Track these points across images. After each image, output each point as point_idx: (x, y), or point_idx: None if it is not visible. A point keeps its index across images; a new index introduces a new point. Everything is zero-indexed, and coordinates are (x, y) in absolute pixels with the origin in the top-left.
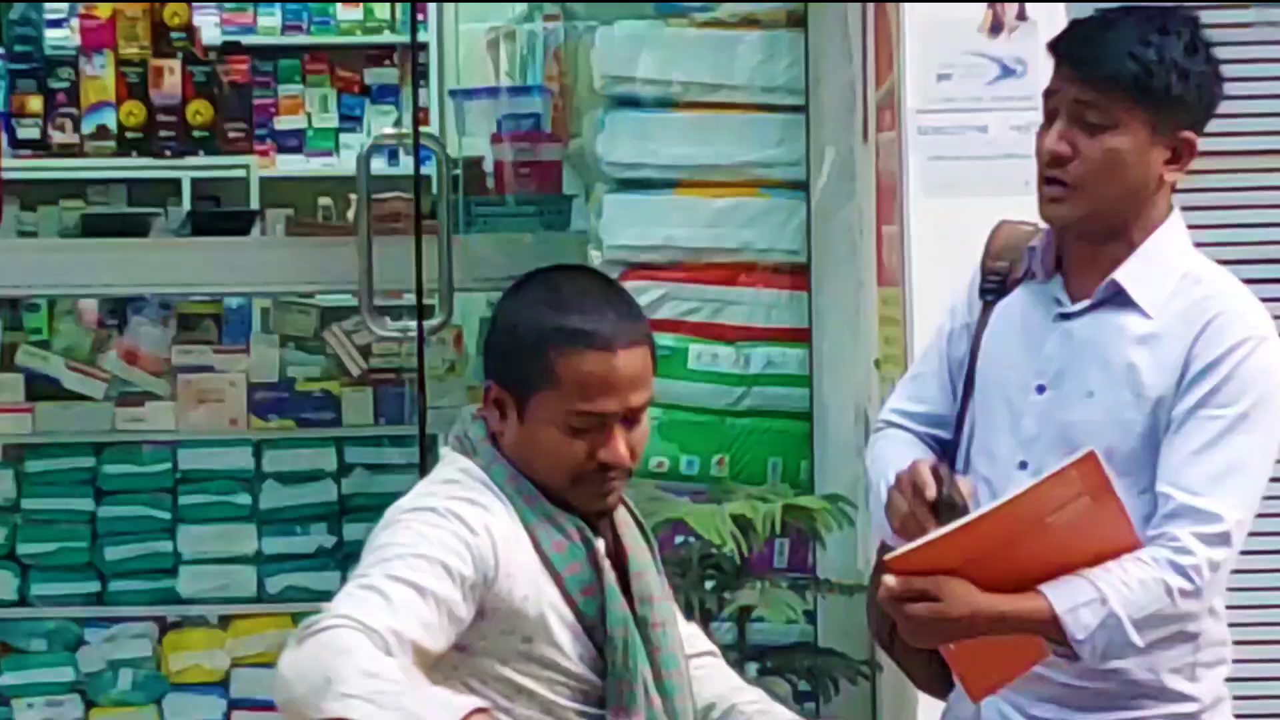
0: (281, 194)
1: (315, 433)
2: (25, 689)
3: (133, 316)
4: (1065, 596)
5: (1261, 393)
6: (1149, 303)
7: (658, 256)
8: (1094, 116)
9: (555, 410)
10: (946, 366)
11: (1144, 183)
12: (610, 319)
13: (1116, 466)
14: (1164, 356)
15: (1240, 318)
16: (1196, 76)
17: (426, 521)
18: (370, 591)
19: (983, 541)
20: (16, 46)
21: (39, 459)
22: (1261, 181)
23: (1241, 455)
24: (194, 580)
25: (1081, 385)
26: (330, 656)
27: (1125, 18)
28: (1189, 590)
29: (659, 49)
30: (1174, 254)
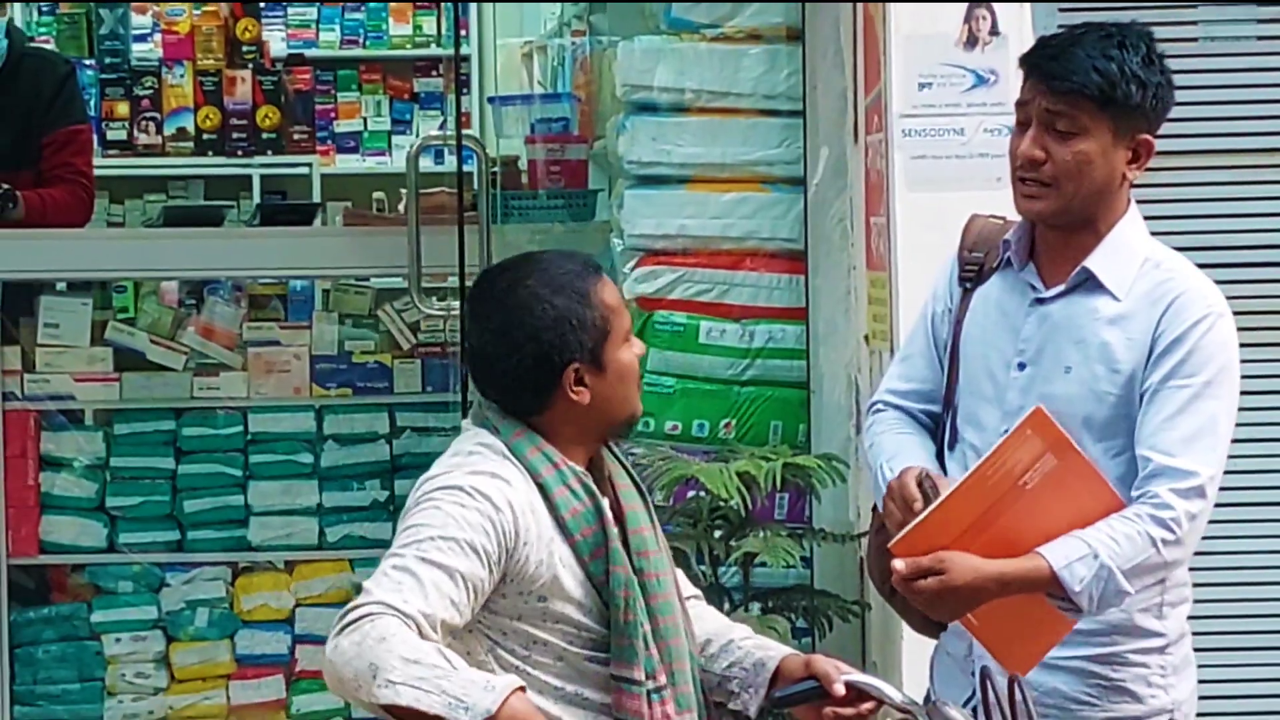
0: (340, 189)
1: (370, 399)
2: (114, 625)
3: (208, 297)
4: (1060, 554)
5: (1221, 363)
6: (1117, 286)
7: (672, 244)
8: (1063, 124)
9: (618, 337)
10: (932, 347)
11: (1109, 181)
12: (580, 256)
13: (1095, 433)
14: (1133, 334)
15: (1199, 296)
16: (1153, 86)
17: (456, 501)
18: (404, 574)
19: (968, 512)
20: (106, 59)
21: (125, 423)
22: (1217, 178)
23: (1209, 418)
24: (262, 530)
25: (1060, 362)
26: (373, 645)
27: (1088, 34)
28: (1171, 540)
29: (673, 61)
30: (1136, 242)
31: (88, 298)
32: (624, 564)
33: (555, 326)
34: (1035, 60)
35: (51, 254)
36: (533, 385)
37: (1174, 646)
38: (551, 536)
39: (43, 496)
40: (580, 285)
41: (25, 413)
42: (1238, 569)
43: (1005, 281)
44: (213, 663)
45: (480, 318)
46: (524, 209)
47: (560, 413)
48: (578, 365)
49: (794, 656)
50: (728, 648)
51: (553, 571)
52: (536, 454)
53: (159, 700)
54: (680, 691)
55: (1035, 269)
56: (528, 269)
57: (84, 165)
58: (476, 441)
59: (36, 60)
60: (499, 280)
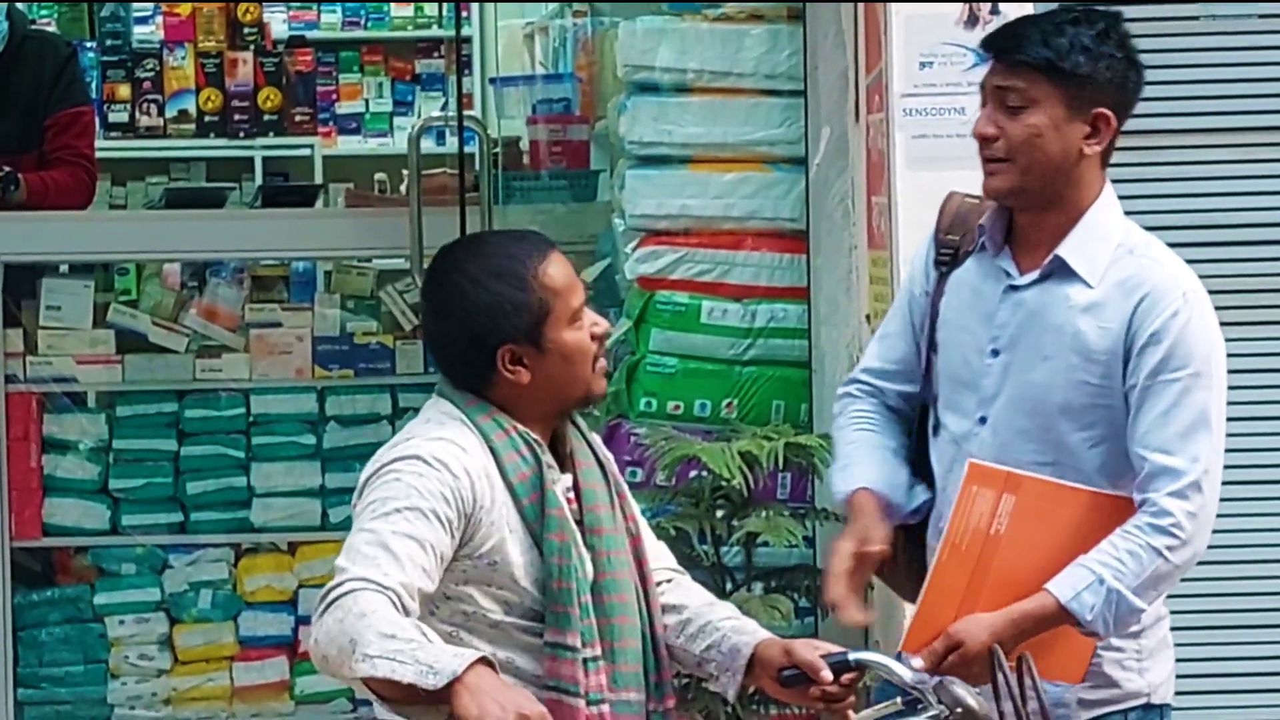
0: (342, 170)
1: (372, 380)
2: (117, 608)
3: (211, 279)
4: (1067, 587)
5: (1205, 350)
6: (1090, 273)
7: (674, 224)
8: (1014, 99)
9: (561, 318)
10: (910, 327)
11: (1065, 155)
12: (531, 236)
13: (1073, 420)
14: (1105, 322)
15: (1173, 284)
16: (1106, 58)
17: (415, 471)
18: (379, 549)
19: (957, 581)
20: (108, 41)
21: (128, 405)
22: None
23: (1200, 410)
24: (265, 511)
25: (1036, 350)
26: (353, 621)
27: (1047, 13)
28: (1176, 544)
29: (675, 41)
30: (1109, 226)
31: (90, 280)
32: (558, 531)
33: (487, 311)
34: (991, 39)
35: (54, 236)
36: (471, 365)
37: (1150, 630)
38: (505, 501)
39: (45, 479)
40: (518, 269)
41: (28, 395)
42: (1220, 547)
43: (980, 266)
44: (216, 644)
45: (426, 299)
46: (526, 190)
47: (505, 391)
48: (512, 347)
49: (770, 643)
50: (705, 629)
51: (501, 535)
52: (488, 420)
53: (163, 682)
54: (620, 669)
55: (1010, 254)
56: (469, 252)
57: (86, 147)
58: (436, 410)
59: (38, 43)
60: (441, 263)
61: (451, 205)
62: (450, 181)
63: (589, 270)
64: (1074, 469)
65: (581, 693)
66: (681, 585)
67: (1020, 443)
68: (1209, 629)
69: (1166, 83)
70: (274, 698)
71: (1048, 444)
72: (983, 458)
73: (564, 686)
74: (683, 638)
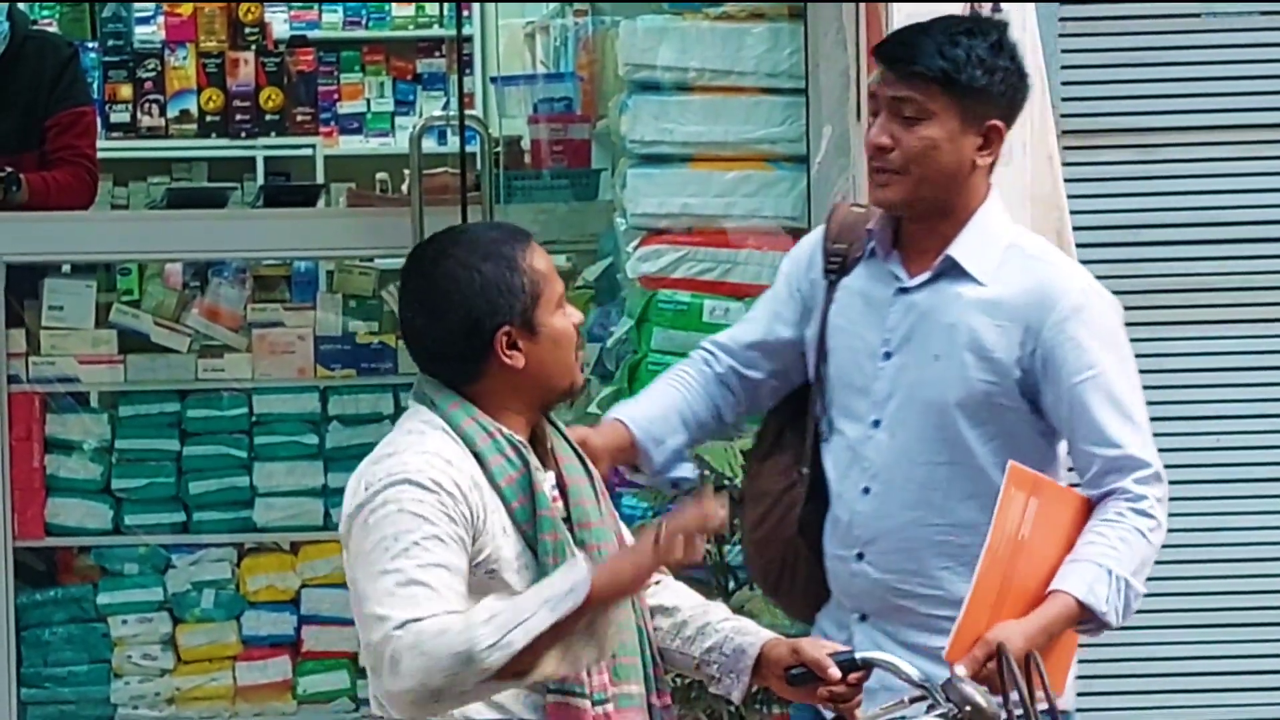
0: (344, 170)
1: (374, 380)
2: (120, 608)
3: (213, 278)
4: (1080, 584)
5: (1117, 339)
6: (981, 272)
7: (675, 223)
8: (909, 110)
9: (549, 302)
10: (774, 319)
11: (958, 166)
12: (507, 225)
13: (968, 418)
14: (1002, 321)
15: (1071, 283)
16: (1001, 71)
17: (414, 498)
18: (413, 587)
19: (992, 588)
20: (109, 41)
21: (130, 405)
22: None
23: (1128, 401)
24: (268, 511)
25: (927, 349)
26: (438, 645)
27: (939, 23)
28: (1155, 526)
29: (676, 39)
30: (998, 228)
31: (92, 280)
32: (551, 531)
33: (483, 293)
34: (884, 49)
35: (56, 236)
36: (465, 353)
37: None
38: (495, 506)
39: (48, 479)
40: (507, 251)
41: (30, 395)
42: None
43: (870, 272)
44: (219, 644)
45: (409, 292)
46: (527, 189)
47: (495, 381)
48: (509, 329)
49: (777, 643)
50: (704, 630)
51: (495, 542)
52: (472, 424)
53: (166, 681)
54: (621, 662)
55: (899, 259)
56: (453, 240)
57: (87, 147)
58: (418, 420)
59: (39, 43)
60: (426, 254)
61: (453, 205)
62: (452, 181)
63: (590, 269)
64: (970, 466)
65: (587, 693)
66: (670, 586)
67: (918, 444)
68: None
69: (1168, 80)
70: (276, 697)
71: (944, 443)
72: (881, 461)
73: (568, 688)
74: (679, 640)
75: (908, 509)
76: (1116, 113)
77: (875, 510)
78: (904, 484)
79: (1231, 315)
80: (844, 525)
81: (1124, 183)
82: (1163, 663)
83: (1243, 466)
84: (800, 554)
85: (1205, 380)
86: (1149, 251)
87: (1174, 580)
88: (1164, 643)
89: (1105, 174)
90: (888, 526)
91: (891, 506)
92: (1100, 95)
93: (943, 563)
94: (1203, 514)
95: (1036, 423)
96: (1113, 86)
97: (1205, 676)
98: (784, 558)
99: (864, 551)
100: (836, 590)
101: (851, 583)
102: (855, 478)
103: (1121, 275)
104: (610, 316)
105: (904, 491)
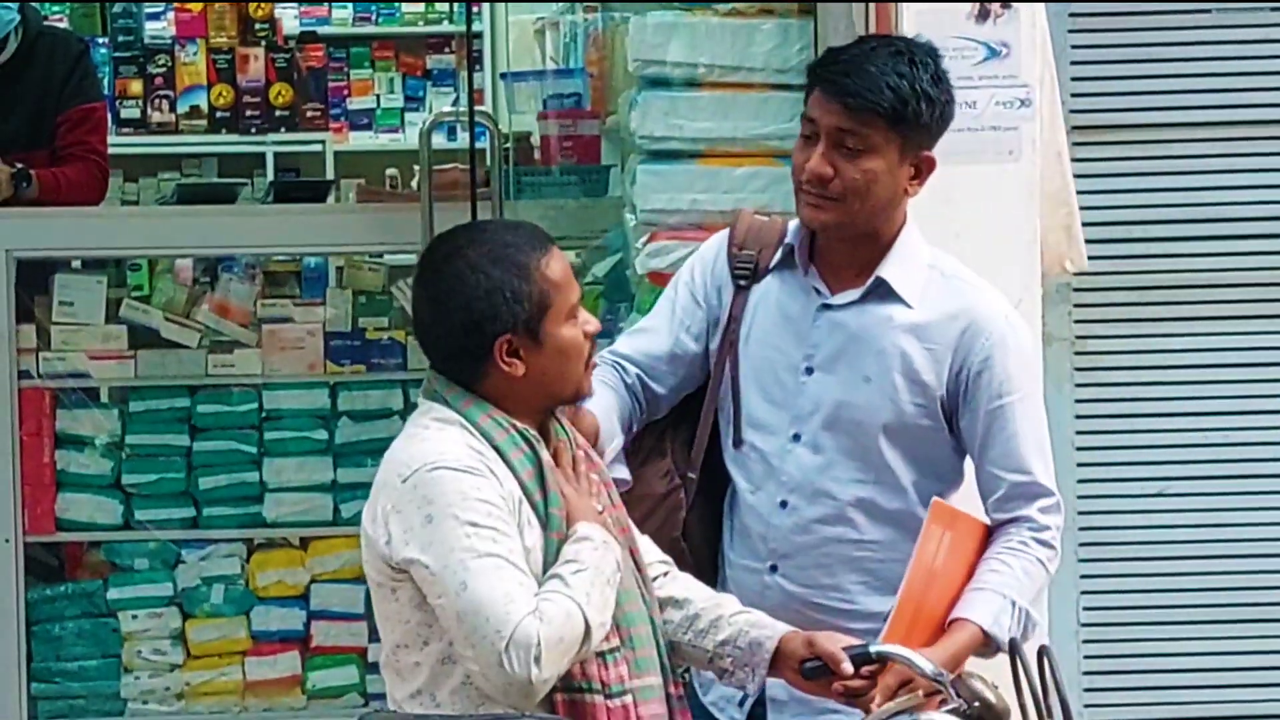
0: (353, 166)
1: (383, 375)
2: (130, 603)
3: (223, 274)
4: (986, 614)
5: (1032, 369)
6: (909, 294)
7: (685, 219)
8: (852, 142)
9: (560, 312)
10: (676, 328)
11: (893, 196)
12: (529, 228)
13: (892, 439)
14: (931, 344)
15: (994, 309)
16: (940, 104)
17: (474, 485)
18: (511, 570)
19: (905, 621)
20: (120, 37)
21: (141, 400)
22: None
23: (1039, 429)
24: (277, 506)
25: (857, 371)
26: (570, 630)
27: (878, 50)
28: (1053, 555)
29: (685, 35)
30: (919, 250)
31: (102, 275)
32: (559, 530)
33: (487, 297)
34: (828, 75)
35: (66, 232)
36: (466, 354)
37: None
38: (521, 497)
39: (59, 474)
40: (521, 258)
41: (41, 390)
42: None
43: (785, 284)
44: (229, 639)
45: (421, 284)
46: (537, 185)
47: (497, 383)
48: (510, 338)
49: (794, 636)
50: (718, 624)
51: (521, 530)
52: (488, 420)
53: (175, 676)
54: (639, 654)
55: (818, 273)
56: (469, 238)
57: (99, 143)
58: (431, 417)
59: (51, 40)
60: (440, 248)
61: (463, 200)
62: (461, 177)
63: (599, 265)
64: (892, 486)
65: (600, 688)
66: (678, 578)
67: (843, 461)
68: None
69: (1178, 75)
70: (286, 692)
71: (869, 463)
72: (802, 477)
73: (577, 685)
74: (691, 633)
75: (828, 525)
76: (1126, 108)
77: (793, 525)
78: (825, 501)
79: (1241, 310)
80: (756, 536)
81: (1133, 178)
82: (1170, 659)
83: (1255, 462)
84: (684, 557)
85: (1216, 375)
86: (1158, 247)
87: (1187, 576)
88: (1174, 638)
89: (1115, 169)
90: (807, 542)
91: (811, 523)
92: (1110, 91)
93: (858, 578)
94: (1215, 509)
95: (951, 441)
96: (1122, 82)
97: (1216, 673)
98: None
99: (778, 565)
100: (743, 600)
101: (764, 594)
102: (771, 490)
103: (1131, 270)
104: (619, 312)
105: (825, 508)
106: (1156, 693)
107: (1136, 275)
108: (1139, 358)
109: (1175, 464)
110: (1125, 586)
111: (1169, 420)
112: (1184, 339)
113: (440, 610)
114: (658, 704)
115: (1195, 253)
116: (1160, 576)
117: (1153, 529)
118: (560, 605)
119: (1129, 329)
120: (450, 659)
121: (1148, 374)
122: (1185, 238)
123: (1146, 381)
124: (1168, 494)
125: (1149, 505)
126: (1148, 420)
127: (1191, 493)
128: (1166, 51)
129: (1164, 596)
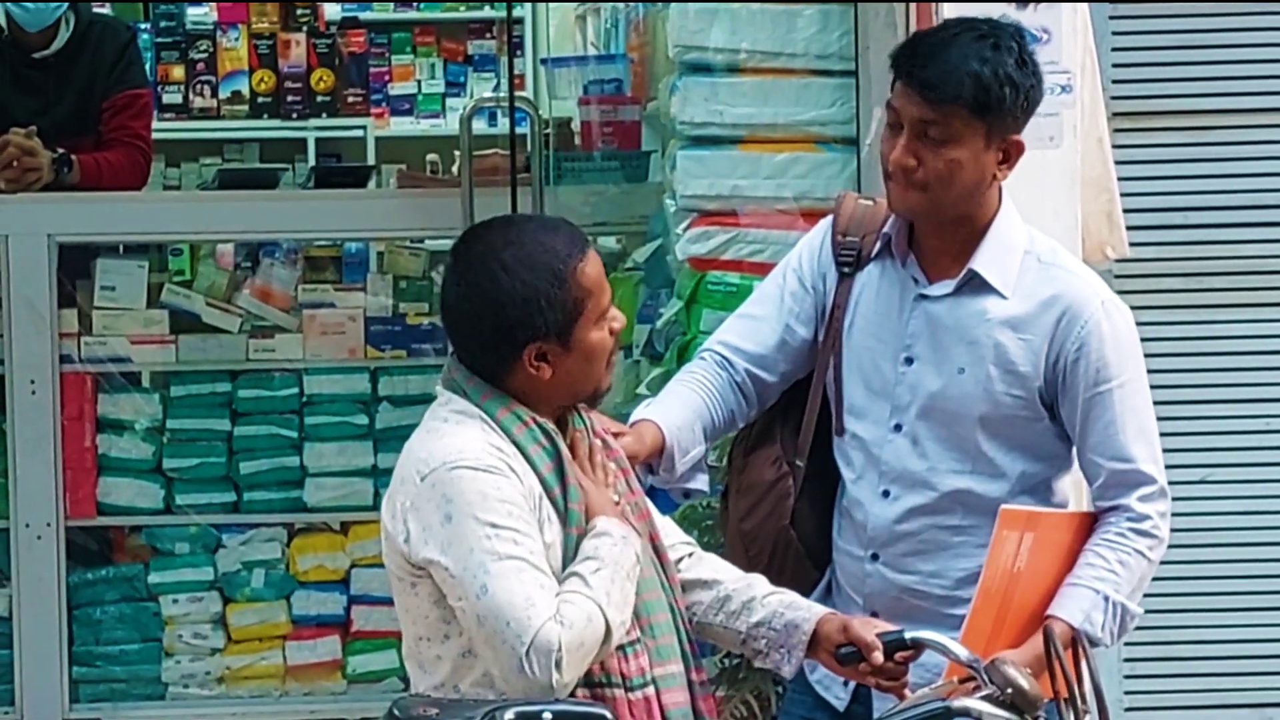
0: (394, 151)
1: (424, 361)
2: (171, 587)
3: (264, 259)
4: (1076, 611)
5: (1132, 353)
6: (1004, 285)
7: (725, 205)
8: (936, 132)
9: (591, 317)
10: (784, 315)
11: (980, 183)
12: (566, 229)
13: (990, 431)
14: (1028, 336)
15: (1091, 294)
16: (1024, 88)
17: (493, 485)
18: (533, 572)
19: (987, 623)
20: (162, 23)
21: (182, 385)
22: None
23: (1142, 414)
24: (318, 491)
25: (952, 363)
26: (591, 633)
27: (960, 35)
28: (1156, 544)
29: (726, 21)
30: (1015, 236)
31: (144, 260)
32: (579, 525)
33: (522, 305)
34: (908, 67)
35: (108, 217)
36: (493, 353)
37: None
38: (541, 493)
39: (100, 458)
40: (557, 265)
41: (83, 375)
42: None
43: (885, 272)
44: (269, 623)
45: (453, 279)
46: (577, 170)
47: (521, 382)
48: (540, 344)
49: (831, 618)
50: (750, 605)
51: (541, 526)
52: (507, 414)
53: (216, 660)
54: (659, 644)
55: (917, 262)
56: (505, 239)
57: (142, 129)
58: (450, 410)
59: (100, 28)
60: (475, 245)
61: (503, 186)
62: (502, 162)
63: (640, 251)
64: (991, 475)
65: (620, 682)
66: (705, 560)
67: (941, 451)
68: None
69: (1219, 62)
70: (326, 677)
71: (966, 454)
72: (901, 467)
73: (597, 679)
74: (723, 615)
75: (927, 514)
76: (1167, 95)
77: (894, 514)
78: (925, 491)
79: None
80: (859, 525)
81: (1174, 165)
82: (1213, 646)
83: (1261, 450)
84: (791, 545)
85: (1257, 362)
86: (1199, 234)
87: (1230, 564)
88: (1216, 625)
89: (1156, 156)
90: (906, 530)
91: (912, 512)
92: (1151, 78)
93: (958, 565)
94: (1256, 496)
95: (1054, 429)
96: (1163, 69)
97: (1260, 660)
98: (774, 549)
99: (879, 553)
100: (847, 586)
101: (865, 582)
102: (873, 479)
103: (1172, 258)
104: (660, 298)
105: (924, 498)
106: (1199, 679)
107: (1178, 261)
108: (1180, 344)
109: (1218, 450)
110: (1167, 573)
111: (1211, 407)
112: (1225, 325)
113: (460, 612)
114: (680, 691)
115: (1236, 239)
116: (1203, 565)
117: (1196, 515)
118: (581, 608)
119: (1170, 315)
120: (471, 652)
121: (1189, 360)
122: (1226, 224)
123: (1188, 369)
124: (1211, 480)
125: (1192, 492)
126: (1190, 407)
127: (1235, 480)
128: (1207, 38)
129: (1207, 584)
